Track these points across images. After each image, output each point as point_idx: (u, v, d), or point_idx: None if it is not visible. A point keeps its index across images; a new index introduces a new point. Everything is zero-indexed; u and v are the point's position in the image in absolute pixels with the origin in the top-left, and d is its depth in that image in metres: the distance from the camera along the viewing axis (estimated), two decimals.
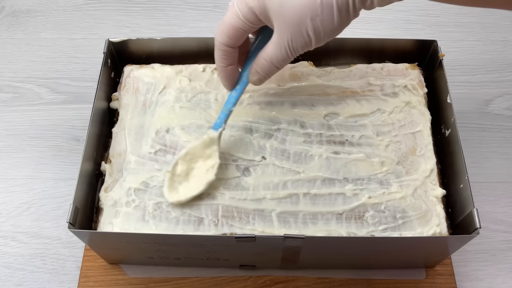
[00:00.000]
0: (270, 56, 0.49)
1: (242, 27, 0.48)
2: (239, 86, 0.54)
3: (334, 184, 0.56)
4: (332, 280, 0.61)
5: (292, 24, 0.45)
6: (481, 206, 0.66)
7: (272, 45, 0.49)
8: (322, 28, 0.45)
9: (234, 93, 0.54)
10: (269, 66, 0.50)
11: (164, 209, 0.55)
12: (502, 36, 0.82)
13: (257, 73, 0.51)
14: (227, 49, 0.50)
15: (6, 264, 0.64)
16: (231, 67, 0.52)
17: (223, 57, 0.51)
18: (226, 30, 0.49)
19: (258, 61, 0.51)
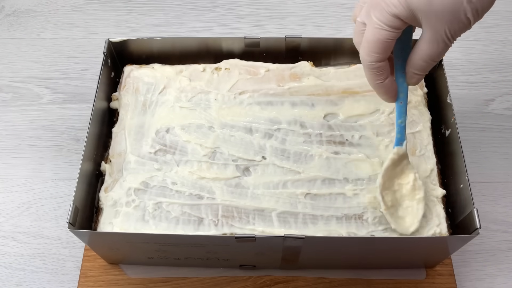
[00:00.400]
0: (428, 55, 0.46)
1: (390, 37, 0.46)
2: (402, 95, 0.51)
3: (334, 184, 0.56)
4: (332, 280, 0.61)
5: (448, 14, 0.43)
6: (481, 206, 0.66)
7: (427, 43, 0.46)
8: (480, 5, 0.43)
9: (401, 102, 0.51)
10: (429, 64, 0.47)
11: (164, 209, 0.55)
12: (502, 36, 0.82)
13: (416, 75, 0.49)
14: (380, 65, 0.48)
15: (6, 264, 0.64)
16: (388, 79, 0.49)
17: (378, 74, 0.48)
18: (374, 47, 0.46)
19: (415, 63, 0.48)
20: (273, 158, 0.58)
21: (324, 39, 0.64)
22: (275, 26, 0.83)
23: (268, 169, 0.57)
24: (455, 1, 0.42)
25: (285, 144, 0.58)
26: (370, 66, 0.48)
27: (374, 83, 0.49)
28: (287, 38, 0.64)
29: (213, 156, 0.58)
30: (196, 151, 0.58)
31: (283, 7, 0.85)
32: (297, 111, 0.60)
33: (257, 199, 0.55)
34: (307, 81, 0.63)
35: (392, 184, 0.54)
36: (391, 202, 0.54)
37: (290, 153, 0.58)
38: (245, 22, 0.84)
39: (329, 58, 0.66)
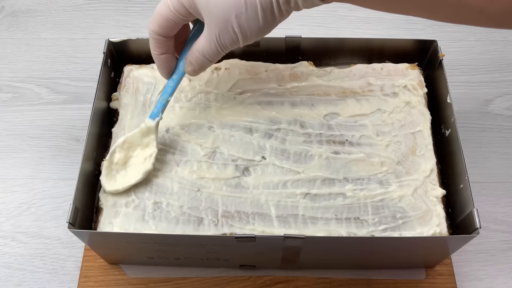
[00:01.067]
0: (202, 49, 0.50)
1: (173, 18, 0.49)
2: (176, 76, 0.54)
3: (334, 184, 0.56)
4: (332, 280, 0.61)
5: (219, 21, 0.46)
6: (481, 206, 0.66)
7: (203, 38, 0.49)
8: (248, 27, 0.46)
9: (170, 82, 0.55)
10: (201, 59, 0.51)
11: (164, 209, 0.55)
12: (502, 36, 0.82)
13: (191, 64, 0.52)
14: (160, 38, 0.51)
15: (6, 264, 0.64)
16: (164, 55, 0.52)
17: (156, 45, 0.51)
18: (157, 20, 0.49)
19: (192, 52, 0.51)
20: (273, 158, 0.58)
21: (324, 39, 0.64)
22: None
23: (268, 169, 0.57)
24: (226, 11, 0.45)
25: (285, 144, 0.58)
26: (150, 35, 0.51)
27: (152, 53, 0.53)
28: (287, 38, 0.64)
29: (213, 156, 0.58)
30: (196, 151, 0.58)
31: None
32: (297, 111, 0.60)
33: (257, 199, 0.55)
34: (307, 81, 0.63)
35: (134, 149, 0.56)
36: (118, 160, 0.56)
37: (290, 153, 0.58)
38: None
39: (329, 58, 0.66)
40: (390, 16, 0.84)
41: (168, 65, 0.54)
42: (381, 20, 0.83)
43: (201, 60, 0.51)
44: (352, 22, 0.83)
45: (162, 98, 0.55)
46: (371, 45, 0.64)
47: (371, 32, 0.82)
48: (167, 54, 0.52)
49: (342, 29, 0.82)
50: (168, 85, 0.55)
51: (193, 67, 0.52)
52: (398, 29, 0.82)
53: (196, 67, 0.52)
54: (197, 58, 0.51)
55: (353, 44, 0.64)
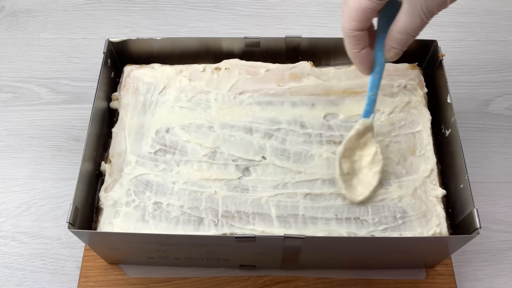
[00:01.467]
0: (405, 27, 0.48)
1: (370, 6, 0.47)
2: (378, 68, 0.52)
3: (334, 184, 0.56)
4: (332, 280, 0.61)
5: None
6: (481, 206, 0.66)
7: (405, 15, 0.47)
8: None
9: (375, 75, 0.53)
10: (405, 38, 0.49)
11: (164, 209, 0.55)
12: (502, 36, 0.82)
13: (393, 49, 0.50)
14: (358, 34, 0.49)
15: (6, 264, 0.64)
16: (364, 50, 0.51)
17: (355, 43, 0.50)
18: (355, 15, 0.48)
19: (392, 36, 0.49)
20: (273, 158, 0.58)
21: (324, 39, 0.64)
22: (275, 26, 0.83)
23: (268, 169, 0.57)
24: None
25: (285, 144, 0.58)
26: (349, 34, 0.49)
27: (351, 52, 0.51)
28: (287, 38, 0.64)
29: (213, 156, 0.58)
30: (196, 151, 0.58)
31: (283, 7, 0.85)
32: (297, 111, 0.60)
33: (257, 199, 0.55)
34: (307, 81, 0.63)
35: (353, 154, 0.56)
36: (347, 170, 0.55)
37: (290, 153, 0.58)
38: (245, 22, 0.84)
39: (329, 58, 0.66)
40: None
41: (369, 59, 0.52)
42: None
43: (405, 39, 0.49)
44: None
45: (370, 94, 0.53)
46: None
47: None
48: (366, 48, 0.51)
49: None
50: (373, 79, 0.53)
51: (395, 51, 0.50)
52: None
53: (399, 49, 0.50)
54: (399, 39, 0.49)
55: None
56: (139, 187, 0.56)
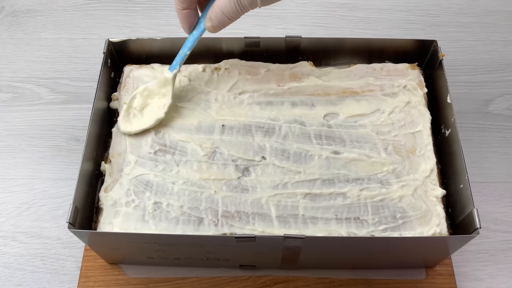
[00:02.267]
0: (222, 6, 0.51)
1: None
2: (196, 32, 0.57)
3: (334, 184, 0.56)
4: (332, 280, 0.61)
5: None
6: (481, 206, 0.66)
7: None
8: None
9: (190, 37, 0.57)
10: (221, 16, 0.52)
11: (164, 209, 0.55)
12: (502, 36, 0.82)
13: (210, 20, 0.53)
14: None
15: (6, 264, 0.64)
16: (186, 11, 0.54)
17: (180, 1, 0.53)
18: None
19: (213, 9, 0.52)
20: (273, 158, 0.58)
21: (324, 39, 0.64)
22: (275, 26, 0.83)
23: (268, 169, 0.57)
24: None
25: (285, 144, 0.58)
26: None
27: (176, 7, 0.55)
28: (287, 38, 0.64)
29: (213, 156, 0.58)
30: (196, 151, 0.58)
31: (283, 7, 0.85)
32: (297, 111, 0.60)
33: (257, 199, 0.55)
34: (307, 81, 0.63)
35: (152, 97, 0.60)
36: (136, 105, 0.59)
37: (290, 153, 0.58)
38: (245, 22, 0.84)
39: (329, 58, 0.66)
40: (390, 16, 0.84)
41: (190, 20, 0.56)
42: (381, 20, 0.83)
43: (220, 17, 0.52)
44: (352, 22, 0.83)
45: (181, 52, 0.58)
46: (371, 45, 0.64)
47: (371, 32, 0.82)
48: (190, 9, 0.54)
49: (342, 29, 0.82)
50: (188, 39, 0.58)
51: (212, 23, 0.53)
52: (398, 29, 0.82)
53: (215, 23, 0.53)
54: (217, 14, 0.52)
55: (353, 44, 0.64)
56: (139, 187, 0.56)
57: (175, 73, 0.59)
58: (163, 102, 0.59)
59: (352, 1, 0.86)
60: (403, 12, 0.84)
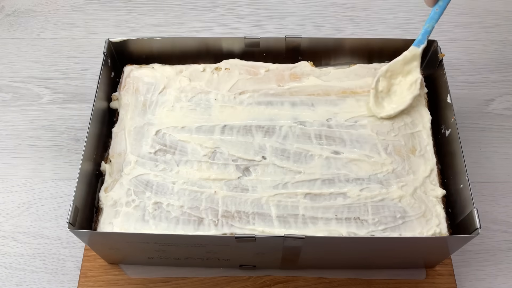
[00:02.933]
0: None
1: None
2: (442, 3, 0.56)
3: (334, 184, 0.56)
4: (332, 280, 0.61)
5: None
6: (481, 206, 0.66)
7: None
8: None
9: (437, 9, 0.56)
10: None
11: (164, 209, 0.55)
12: (502, 36, 0.82)
13: None
14: None
15: (6, 264, 0.64)
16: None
17: None
18: None
19: None
20: (273, 158, 0.58)
21: (324, 39, 0.64)
22: (275, 26, 0.83)
23: (268, 169, 0.57)
24: None
25: (285, 144, 0.58)
26: None
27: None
28: (287, 38, 0.64)
29: (213, 156, 0.58)
30: (196, 151, 0.58)
31: (283, 7, 0.85)
32: (297, 111, 0.61)
33: (257, 199, 0.55)
34: (307, 81, 0.63)
35: (395, 77, 0.58)
36: (382, 88, 0.59)
37: (290, 153, 0.58)
38: (245, 22, 0.84)
39: (329, 58, 0.66)
40: (390, 16, 0.84)
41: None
42: (381, 20, 0.83)
43: None
44: (352, 22, 0.83)
45: (428, 25, 0.57)
46: (371, 45, 0.64)
47: (371, 32, 0.82)
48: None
49: (342, 29, 0.82)
50: (434, 11, 0.56)
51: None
52: (398, 29, 0.82)
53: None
54: None
55: (353, 44, 0.64)
56: (139, 187, 0.56)
57: (423, 47, 0.58)
58: (412, 79, 0.58)
59: (352, 1, 0.86)
60: (403, 12, 0.85)
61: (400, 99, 0.58)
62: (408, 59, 0.58)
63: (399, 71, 0.59)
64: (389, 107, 0.58)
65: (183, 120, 0.60)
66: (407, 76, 0.59)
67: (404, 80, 0.59)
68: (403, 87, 0.58)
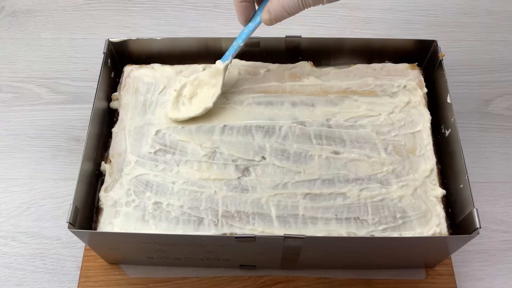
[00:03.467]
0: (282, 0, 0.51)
1: None
2: (251, 24, 0.57)
3: (334, 184, 0.56)
4: (332, 280, 0.61)
5: None
6: (481, 206, 0.66)
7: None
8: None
9: (245, 29, 0.57)
10: (280, 10, 0.51)
11: (164, 209, 0.55)
12: (502, 36, 0.82)
13: (268, 13, 0.53)
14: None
15: (6, 264, 0.64)
16: (244, 3, 0.54)
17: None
18: None
19: (272, 1, 0.52)
20: (273, 158, 0.58)
21: (324, 39, 0.64)
22: (275, 26, 0.83)
23: (268, 169, 0.57)
24: None
25: (285, 144, 0.58)
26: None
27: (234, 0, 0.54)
28: (287, 38, 0.64)
29: (213, 156, 0.58)
30: (196, 151, 0.58)
31: None
32: (297, 111, 0.61)
33: (257, 199, 0.55)
34: (307, 81, 0.63)
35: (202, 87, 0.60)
36: (186, 93, 0.60)
37: (290, 153, 0.58)
38: None
39: (329, 58, 0.66)
40: (390, 16, 0.84)
41: (247, 13, 0.56)
42: (381, 20, 0.83)
43: (280, 11, 0.52)
44: (352, 22, 0.83)
45: (235, 43, 0.58)
46: (371, 45, 0.64)
47: (371, 32, 0.82)
48: (247, 2, 0.54)
49: (342, 29, 0.82)
50: (242, 31, 0.58)
51: (269, 16, 0.53)
52: (398, 29, 0.82)
53: (273, 16, 0.53)
54: (276, 8, 0.52)
55: (353, 44, 0.64)
56: (139, 187, 0.56)
57: (227, 64, 0.59)
58: (212, 92, 0.59)
59: (352, 1, 0.86)
60: (403, 12, 0.84)
61: (195, 107, 0.59)
62: (214, 73, 0.59)
63: (206, 82, 0.60)
64: (184, 111, 0.59)
65: (183, 120, 0.60)
66: (211, 88, 0.60)
67: (207, 92, 0.60)
68: (203, 98, 0.60)
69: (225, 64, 0.59)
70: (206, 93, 0.60)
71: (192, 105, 0.60)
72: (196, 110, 0.59)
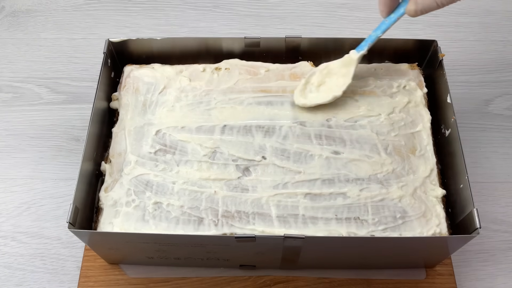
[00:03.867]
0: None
1: None
2: (393, 15, 0.56)
3: (334, 184, 0.56)
4: (332, 280, 0.61)
5: None
6: (481, 206, 0.66)
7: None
8: None
9: (386, 20, 0.57)
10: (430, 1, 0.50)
11: (164, 209, 0.55)
12: (502, 36, 0.82)
13: (416, 3, 0.51)
14: None
15: (6, 264, 0.64)
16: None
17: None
18: None
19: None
20: (273, 158, 0.58)
21: (324, 39, 0.64)
22: (275, 26, 0.83)
23: (268, 169, 0.57)
24: None
25: (285, 144, 0.58)
26: None
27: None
28: (287, 38, 0.64)
29: (213, 156, 0.58)
30: (196, 151, 0.58)
31: (283, 7, 0.85)
32: (297, 111, 0.60)
33: (257, 199, 0.55)
34: None
35: (330, 76, 0.59)
36: (314, 81, 0.60)
37: (290, 153, 0.58)
38: (245, 22, 0.84)
39: (329, 58, 0.66)
40: None
41: (390, 4, 0.55)
42: (381, 20, 0.83)
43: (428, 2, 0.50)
44: (352, 22, 0.83)
45: (373, 33, 0.58)
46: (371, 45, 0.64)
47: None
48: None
49: (342, 29, 0.82)
50: (383, 22, 0.57)
51: (416, 7, 0.51)
52: (398, 29, 0.82)
53: (420, 7, 0.51)
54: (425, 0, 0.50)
55: (353, 44, 0.64)
56: (139, 187, 0.56)
57: (362, 54, 0.58)
58: (343, 81, 0.59)
59: (352, 1, 0.86)
60: None
61: (323, 95, 0.59)
62: (346, 63, 0.59)
63: (335, 71, 0.60)
64: (311, 98, 0.60)
65: (183, 120, 0.60)
66: (340, 78, 0.59)
67: (336, 81, 0.59)
68: (332, 86, 0.59)
69: (360, 54, 0.58)
70: (335, 82, 0.59)
71: (320, 93, 0.59)
72: (325, 97, 0.59)
